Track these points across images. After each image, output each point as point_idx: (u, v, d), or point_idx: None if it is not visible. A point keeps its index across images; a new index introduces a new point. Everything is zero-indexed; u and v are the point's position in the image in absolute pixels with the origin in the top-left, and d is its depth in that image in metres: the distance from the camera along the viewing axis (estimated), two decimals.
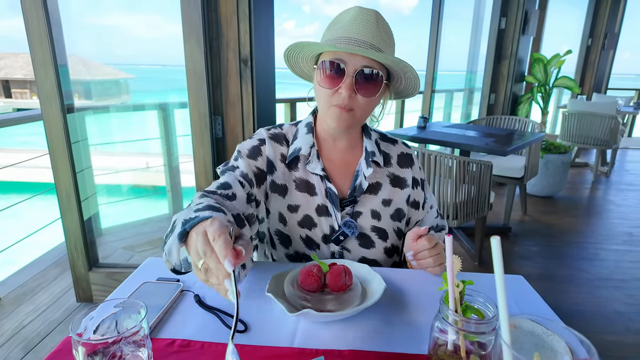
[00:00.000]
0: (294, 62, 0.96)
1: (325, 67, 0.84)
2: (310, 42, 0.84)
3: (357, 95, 0.84)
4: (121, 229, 3.17)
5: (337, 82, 0.84)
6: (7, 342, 1.87)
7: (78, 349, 0.52)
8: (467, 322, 0.52)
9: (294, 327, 0.71)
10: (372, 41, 0.81)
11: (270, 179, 0.95)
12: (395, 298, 0.81)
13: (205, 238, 0.53)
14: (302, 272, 0.77)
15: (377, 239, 0.98)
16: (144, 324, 0.56)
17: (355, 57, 0.82)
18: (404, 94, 0.97)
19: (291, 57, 0.94)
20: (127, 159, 4.12)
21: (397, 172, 1.02)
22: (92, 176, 2.38)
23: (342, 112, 0.85)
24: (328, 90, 0.85)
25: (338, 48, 0.81)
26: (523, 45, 4.22)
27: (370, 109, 0.90)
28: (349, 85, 0.82)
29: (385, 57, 0.80)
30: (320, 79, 0.86)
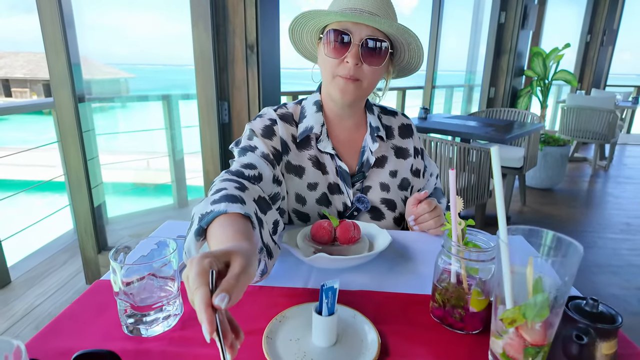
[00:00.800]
0: (299, 39, 0.98)
1: (330, 37, 0.86)
2: (317, 10, 0.85)
3: (363, 65, 0.86)
4: (127, 218, 3.22)
5: (342, 52, 0.85)
6: (18, 321, 1.92)
7: (117, 274, 0.57)
8: (469, 252, 0.58)
9: (308, 273, 0.76)
10: (377, 11, 0.85)
11: (285, 160, 0.95)
12: (400, 252, 0.87)
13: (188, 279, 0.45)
14: (314, 226, 0.83)
15: (387, 210, 1.03)
16: (173, 257, 0.61)
17: (360, 27, 0.85)
18: (408, 69, 1.00)
19: (296, 31, 0.96)
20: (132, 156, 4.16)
21: (399, 143, 1.07)
22: (99, 166, 2.42)
23: (348, 82, 0.87)
24: (334, 61, 0.86)
25: (344, 17, 0.83)
26: (522, 40, 4.28)
27: (375, 80, 0.91)
28: (355, 54, 0.84)
29: (391, 24, 0.83)
30: (326, 50, 0.88)
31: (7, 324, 1.87)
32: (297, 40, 0.98)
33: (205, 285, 0.43)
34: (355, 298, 0.68)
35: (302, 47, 1.01)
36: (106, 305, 0.65)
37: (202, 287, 0.42)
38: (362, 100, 1.00)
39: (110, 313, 0.63)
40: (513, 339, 0.43)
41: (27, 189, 2.69)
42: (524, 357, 0.42)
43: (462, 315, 0.59)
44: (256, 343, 0.56)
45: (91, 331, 0.60)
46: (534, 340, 0.42)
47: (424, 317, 0.64)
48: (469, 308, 0.59)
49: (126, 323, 0.59)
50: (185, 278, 0.45)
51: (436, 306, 0.62)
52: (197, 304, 0.42)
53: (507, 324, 0.42)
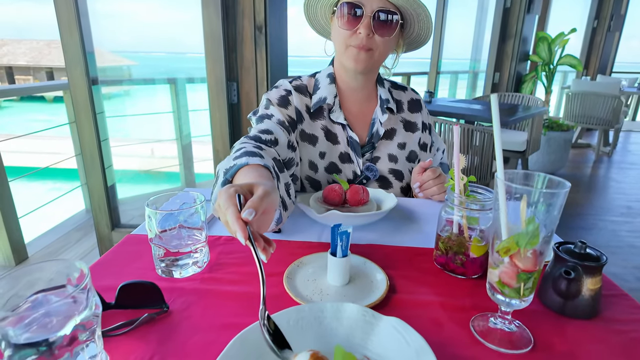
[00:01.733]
0: (313, 14, 1.03)
1: (343, 10, 0.91)
2: None
3: (375, 36, 0.91)
4: (137, 200, 3.29)
5: (355, 23, 0.91)
6: None
7: (153, 220, 0.63)
8: (469, 202, 0.64)
9: (320, 231, 0.82)
10: None
11: (300, 128, 1.01)
12: (405, 214, 0.93)
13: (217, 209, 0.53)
14: (326, 190, 0.89)
15: (395, 180, 1.08)
16: (201, 208, 0.67)
17: (371, 0, 0.90)
18: (417, 41, 1.05)
19: (310, 6, 1.01)
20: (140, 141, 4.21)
21: (408, 117, 1.12)
22: (109, 148, 2.49)
23: (361, 51, 0.92)
24: (347, 32, 0.92)
25: None
26: (528, 24, 4.26)
27: (386, 50, 0.96)
28: (367, 25, 0.90)
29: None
30: (339, 22, 0.93)
31: None
32: (312, 15, 1.03)
33: (234, 205, 0.50)
34: (365, 249, 0.74)
35: (316, 22, 1.06)
36: (140, 254, 0.72)
37: (231, 207, 0.50)
38: (374, 71, 1.04)
39: (144, 260, 0.70)
40: (507, 267, 0.49)
41: (39, 170, 2.76)
42: (517, 282, 0.48)
43: (463, 261, 0.65)
44: (278, 283, 0.62)
45: (129, 273, 0.66)
46: (526, 267, 0.47)
47: (428, 265, 0.70)
48: (469, 254, 0.65)
49: (160, 266, 0.66)
50: (217, 207, 0.53)
51: (439, 254, 0.68)
52: (229, 218, 0.49)
53: (502, 253, 0.48)
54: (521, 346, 0.51)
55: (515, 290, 0.49)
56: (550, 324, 0.56)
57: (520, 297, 0.50)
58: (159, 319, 0.55)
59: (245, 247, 0.74)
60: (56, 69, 27.30)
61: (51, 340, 0.40)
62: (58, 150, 7.97)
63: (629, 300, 0.62)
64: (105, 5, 1.99)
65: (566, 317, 0.57)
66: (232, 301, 0.59)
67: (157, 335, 0.52)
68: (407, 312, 0.57)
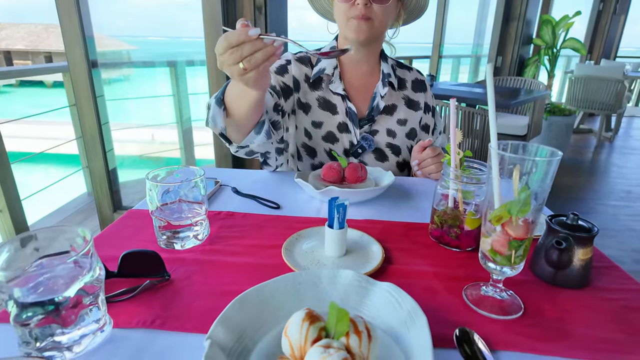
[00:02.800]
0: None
1: None
2: None
3: (373, 5, 0.93)
4: (138, 183, 3.31)
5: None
6: None
7: (154, 192, 0.64)
8: (465, 176, 0.64)
9: (319, 206, 0.84)
10: None
11: (296, 96, 1.06)
12: (402, 192, 0.94)
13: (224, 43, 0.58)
14: (325, 167, 0.90)
15: (391, 154, 1.10)
16: (200, 182, 0.68)
17: None
18: (417, 9, 1.07)
19: None
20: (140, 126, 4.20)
21: (411, 95, 1.13)
22: (110, 131, 2.49)
23: (361, 22, 0.94)
24: (346, 5, 0.94)
25: None
26: (532, 6, 4.20)
27: (386, 19, 0.97)
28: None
29: None
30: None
31: None
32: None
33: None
34: (362, 224, 0.76)
35: (318, 5, 1.08)
36: (141, 227, 0.73)
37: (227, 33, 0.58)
38: (377, 42, 1.06)
39: (146, 232, 0.71)
40: (499, 235, 0.50)
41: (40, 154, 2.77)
42: (508, 249, 0.50)
43: (457, 233, 0.67)
44: (277, 254, 0.64)
45: (131, 245, 0.68)
46: (517, 235, 0.49)
47: (423, 239, 0.72)
48: (464, 227, 0.66)
49: (161, 239, 0.68)
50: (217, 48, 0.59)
51: (434, 227, 0.70)
52: (234, 32, 0.56)
53: (495, 222, 0.49)
54: (512, 312, 0.53)
55: (507, 258, 0.51)
56: (541, 293, 0.58)
57: (512, 265, 0.51)
58: (161, 287, 0.56)
59: (243, 222, 0.76)
60: (55, 53, 27.04)
61: (57, 300, 0.42)
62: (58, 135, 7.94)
63: (619, 272, 0.64)
64: None
65: (557, 287, 0.59)
66: (232, 270, 0.61)
67: (159, 302, 0.53)
68: (402, 280, 0.59)
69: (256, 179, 1.00)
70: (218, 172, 1.03)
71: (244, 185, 0.95)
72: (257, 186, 0.95)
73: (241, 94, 0.73)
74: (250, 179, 0.99)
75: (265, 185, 0.95)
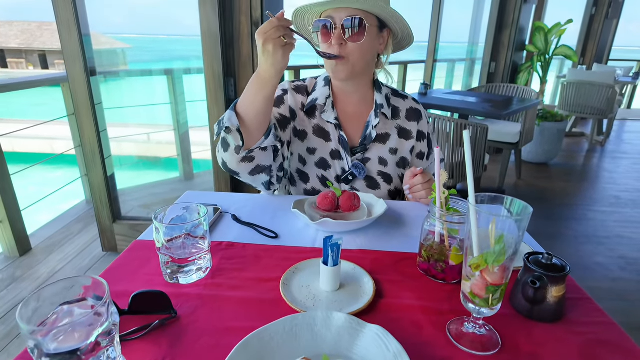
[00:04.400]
0: (305, 31, 1.11)
1: (317, 26, 0.99)
2: (304, 5, 0.99)
3: (348, 44, 0.97)
4: (136, 190, 3.35)
5: (329, 36, 0.98)
6: (43, 284, 2.08)
7: (160, 232, 0.69)
8: (450, 215, 0.70)
9: (314, 235, 0.88)
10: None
11: (293, 125, 1.11)
12: (394, 218, 0.99)
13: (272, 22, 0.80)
14: (320, 196, 0.94)
15: (383, 182, 1.15)
16: (204, 220, 0.73)
17: (339, 11, 0.96)
18: (405, 40, 1.11)
19: (299, 24, 1.08)
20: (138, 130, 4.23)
21: (404, 124, 1.17)
22: (108, 139, 2.52)
23: (337, 62, 0.99)
24: (324, 45, 1.00)
25: (323, 6, 0.96)
26: (525, 14, 4.26)
27: (363, 55, 1.01)
28: (338, 35, 0.96)
29: (361, 2, 0.93)
30: (316, 38, 1.01)
31: (33, 285, 2.03)
32: (305, 33, 1.10)
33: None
34: (354, 255, 0.81)
35: (309, 36, 1.12)
36: (147, 260, 0.78)
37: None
38: (362, 76, 1.09)
39: (151, 265, 0.76)
40: (478, 280, 0.55)
41: (42, 162, 2.80)
42: (486, 293, 0.55)
43: (443, 268, 0.72)
44: (275, 288, 0.68)
45: (138, 279, 0.72)
46: (494, 281, 0.54)
47: (412, 270, 0.77)
48: (449, 262, 0.71)
49: (167, 273, 0.72)
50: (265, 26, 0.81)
51: (422, 261, 0.75)
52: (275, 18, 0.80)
53: (474, 269, 0.54)
54: (490, 348, 0.58)
55: (485, 300, 0.56)
56: (518, 327, 0.63)
57: (489, 307, 0.56)
58: (169, 324, 0.61)
59: (243, 253, 0.80)
60: (49, 52, 26.86)
61: (80, 348, 0.47)
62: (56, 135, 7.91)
63: (592, 304, 0.69)
64: None
65: (533, 321, 0.64)
66: (233, 305, 0.65)
67: (167, 339, 0.58)
68: (391, 315, 0.64)
69: (254, 204, 1.04)
70: (218, 198, 1.08)
71: (243, 211, 1.00)
72: (255, 212, 1.00)
73: (258, 90, 0.89)
74: (250, 204, 1.04)
75: (263, 211, 1.00)
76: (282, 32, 0.81)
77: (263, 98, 0.89)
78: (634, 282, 2.24)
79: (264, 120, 0.93)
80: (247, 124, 0.91)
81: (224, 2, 1.90)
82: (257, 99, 0.89)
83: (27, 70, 26.95)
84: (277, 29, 0.80)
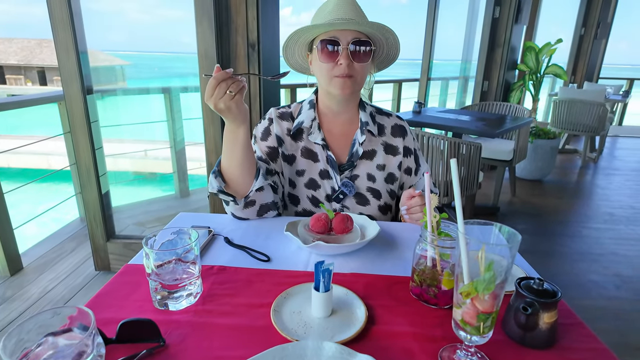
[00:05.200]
0: (291, 54, 1.14)
1: (323, 46, 1.02)
2: (308, 26, 1.01)
3: (354, 63, 1.02)
4: (130, 208, 3.33)
5: (335, 56, 1.01)
6: (34, 304, 2.04)
7: (150, 259, 0.68)
8: (441, 240, 0.70)
9: (307, 258, 0.88)
10: (356, 17, 1.01)
11: (281, 151, 1.14)
12: (387, 240, 0.99)
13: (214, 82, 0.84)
14: (313, 218, 0.94)
15: (372, 198, 1.16)
16: (195, 245, 0.72)
17: (345, 33, 1.00)
18: (387, 60, 1.16)
19: (289, 47, 1.11)
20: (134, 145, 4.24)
21: (389, 140, 1.19)
22: (103, 156, 2.52)
23: (345, 79, 1.03)
24: (329, 65, 1.02)
25: (332, 26, 0.99)
26: (516, 34, 4.36)
27: (364, 74, 1.07)
28: (346, 56, 1.00)
29: (372, 25, 0.99)
30: (320, 57, 1.03)
31: (24, 306, 2.00)
32: (290, 56, 1.14)
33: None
34: (347, 279, 0.80)
35: (293, 61, 1.16)
36: (137, 285, 0.77)
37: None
38: (357, 94, 1.15)
39: (141, 291, 0.75)
40: (469, 307, 0.55)
41: (39, 179, 2.79)
42: (477, 321, 0.54)
43: (435, 292, 0.71)
44: (266, 314, 0.68)
45: (127, 306, 0.71)
46: (484, 309, 0.54)
47: (404, 295, 0.76)
48: (441, 287, 0.71)
49: (156, 299, 0.71)
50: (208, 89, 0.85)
51: (414, 285, 0.74)
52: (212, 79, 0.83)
53: (464, 296, 0.54)
54: None
55: (476, 328, 0.55)
56: (510, 355, 0.62)
57: (481, 335, 0.56)
58: (157, 353, 0.60)
59: (234, 277, 0.80)
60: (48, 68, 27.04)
61: None
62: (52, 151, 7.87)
63: (584, 329, 0.69)
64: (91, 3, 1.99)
65: (526, 347, 0.64)
66: (223, 333, 0.64)
67: None
68: (383, 343, 0.63)
69: (248, 226, 1.04)
70: (211, 219, 1.07)
71: (236, 233, 0.99)
72: (248, 234, 0.99)
73: (233, 143, 0.94)
74: (243, 226, 1.04)
75: (256, 233, 1.00)
76: (225, 88, 0.83)
77: (240, 147, 0.94)
78: (630, 300, 2.24)
79: (249, 165, 0.99)
80: (236, 174, 0.98)
81: (220, 24, 1.93)
82: (236, 149, 0.95)
83: (26, 87, 27.06)
84: (219, 88, 0.83)
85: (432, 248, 0.71)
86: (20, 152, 7.50)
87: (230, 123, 0.91)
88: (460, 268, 0.55)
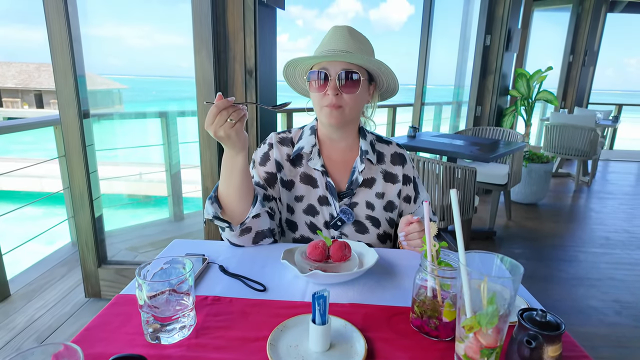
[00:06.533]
0: (293, 79, 1.16)
1: (313, 76, 1.04)
2: (300, 57, 1.04)
3: (343, 94, 1.03)
4: (124, 232, 3.28)
5: (324, 87, 1.03)
6: (19, 334, 1.97)
7: (143, 290, 0.66)
8: (442, 270, 0.68)
9: (304, 288, 0.86)
10: (347, 49, 1.02)
11: (279, 177, 1.14)
12: (386, 268, 0.97)
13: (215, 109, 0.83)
14: (310, 246, 0.93)
15: (371, 226, 1.15)
16: (189, 275, 0.70)
17: (334, 64, 1.02)
18: (389, 91, 1.17)
19: (289, 73, 1.14)
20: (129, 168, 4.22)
21: (389, 169, 1.19)
22: (98, 180, 2.50)
23: (332, 109, 1.04)
24: (319, 94, 1.05)
25: (320, 59, 1.02)
26: (507, 61, 4.48)
27: (356, 105, 1.07)
28: (333, 86, 1.02)
29: (359, 58, 1.00)
30: (311, 87, 1.06)
31: (8, 336, 1.92)
32: (292, 81, 1.16)
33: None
34: (346, 310, 0.78)
35: (297, 86, 1.18)
36: (128, 317, 0.74)
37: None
38: (351, 124, 1.15)
39: (133, 323, 0.72)
40: (472, 342, 0.53)
41: (32, 203, 2.75)
42: (480, 357, 0.53)
43: (436, 324, 0.70)
44: (261, 348, 0.65)
45: (118, 339, 0.69)
46: (488, 343, 0.52)
47: (404, 326, 0.74)
48: (442, 318, 0.69)
49: (148, 332, 0.69)
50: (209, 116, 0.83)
51: (415, 317, 0.73)
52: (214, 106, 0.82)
53: (467, 330, 0.53)
54: None
55: None
56: None
57: None
58: None
59: (229, 308, 0.78)
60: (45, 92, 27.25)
61: None
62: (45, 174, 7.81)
63: None
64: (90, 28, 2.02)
65: None
66: None
67: None
68: None
69: (243, 253, 1.02)
70: (205, 246, 1.05)
71: (231, 261, 0.97)
72: (244, 261, 0.97)
73: (231, 170, 0.93)
74: (238, 253, 1.02)
75: (252, 261, 0.98)
76: (226, 115, 0.83)
77: (238, 173, 0.94)
78: (631, 327, 2.20)
79: (247, 192, 0.98)
80: (233, 200, 0.98)
81: (218, 51, 1.96)
82: (234, 176, 0.94)
83: (22, 109, 27.14)
84: (220, 115, 0.83)
85: (432, 278, 0.70)
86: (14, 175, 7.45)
87: (230, 150, 0.91)
88: (463, 300, 0.53)
